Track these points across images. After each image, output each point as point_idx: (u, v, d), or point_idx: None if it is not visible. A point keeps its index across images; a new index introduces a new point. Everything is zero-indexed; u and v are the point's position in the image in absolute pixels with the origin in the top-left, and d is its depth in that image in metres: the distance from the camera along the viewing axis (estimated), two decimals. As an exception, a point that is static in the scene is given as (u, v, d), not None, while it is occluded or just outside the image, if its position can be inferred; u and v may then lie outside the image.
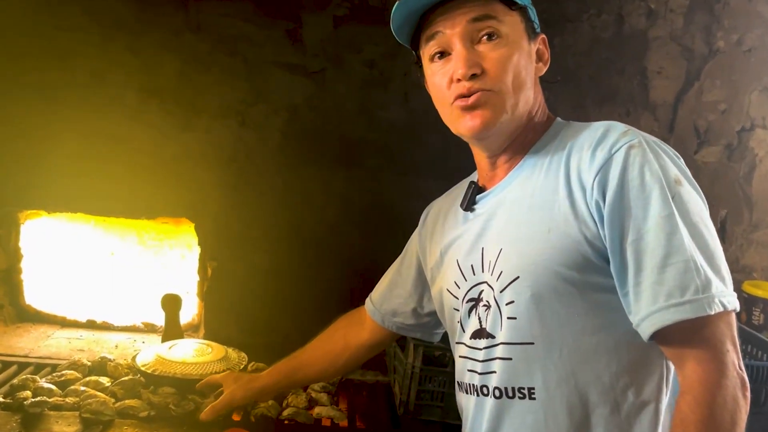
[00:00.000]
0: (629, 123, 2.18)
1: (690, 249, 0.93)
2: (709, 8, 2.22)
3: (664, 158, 0.99)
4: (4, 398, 1.63)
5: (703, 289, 0.92)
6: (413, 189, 2.15)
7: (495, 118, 1.08)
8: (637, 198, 0.96)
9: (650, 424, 1.02)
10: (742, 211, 2.34)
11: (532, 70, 1.12)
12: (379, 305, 1.49)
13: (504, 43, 1.08)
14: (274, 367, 1.58)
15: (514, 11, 1.10)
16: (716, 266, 0.94)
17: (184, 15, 2.04)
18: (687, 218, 0.95)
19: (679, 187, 0.97)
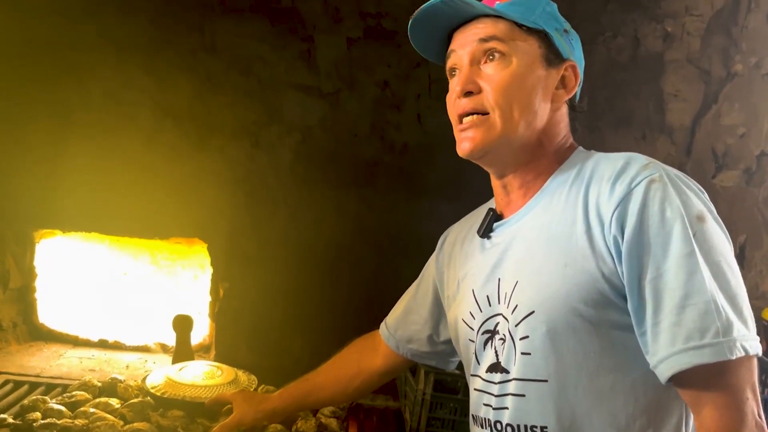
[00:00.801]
0: (645, 146, 2.19)
1: (711, 289, 0.90)
2: (727, 31, 2.20)
3: (686, 193, 0.96)
4: (14, 419, 1.63)
5: (724, 332, 0.89)
6: (426, 211, 2.16)
7: (484, 140, 1.09)
8: (657, 235, 0.94)
9: None
10: (761, 236, 2.30)
11: (544, 95, 1.11)
12: (394, 331, 1.47)
13: (506, 64, 1.08)
14: (285, 389, 1.56)
15: (531, 35, 1.10)
16: (738, 308, 0.91)
17: (200, 36, 2.06)
18: (709, 257, 0.92)
19: (701, 224, 0.94)
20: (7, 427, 1.61)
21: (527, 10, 1.11)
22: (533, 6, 1.12)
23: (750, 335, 0.91)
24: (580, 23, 2.14)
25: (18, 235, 2.19)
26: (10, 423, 1.62)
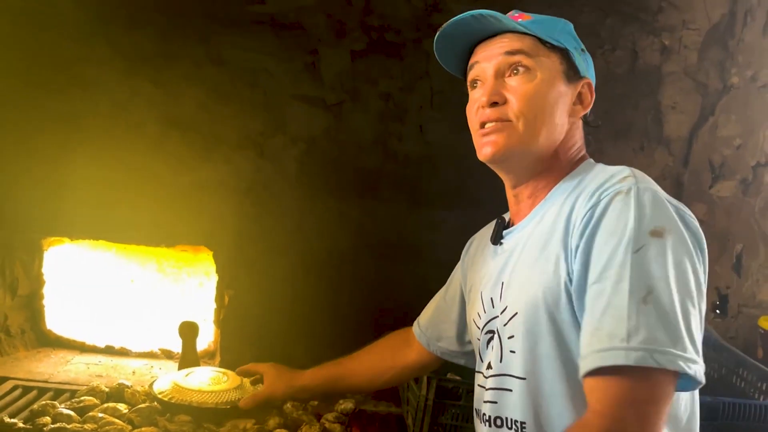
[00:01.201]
0: (643, 157, 2.23)
1: (630, 298, 0.91)
2: (723, 44, 2.24)
3: (648, 208, 0.97)
4: (24, 423, 1.66)
5: (628, 338, 0.89)
6: (428, 220, 2.20)
7: (506, 145, 1.13)
8: (605, 243, 0.97)
9: None
10: (758, 246, 2.33)
11: (563, 109, 1.16)
12: (425, 329, 1.53)
13: (531, 77, 1.13)
14: (318, 369, 1.61)
15: (553, 52, 1.15)
16: (668, 323, 0.90)
17: (206, 48, 2.10)
18: (643, 269, 0.93)
19: (653, 238, 0.95)
20: (17, 431, 1.64)
21: (550, 29, 1.16)
22: (554, 25, 1.17)
23: (673, 351, 0.88)
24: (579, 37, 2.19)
25: (26, 243, 2.22)
26: (20, 427, 1.64)
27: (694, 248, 0.99)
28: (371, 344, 1.63)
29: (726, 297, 2.34)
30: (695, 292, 0.95)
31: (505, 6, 2.08)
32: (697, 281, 0.96)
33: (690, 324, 0.91)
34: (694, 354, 0.89)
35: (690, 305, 0.93)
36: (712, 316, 2.33)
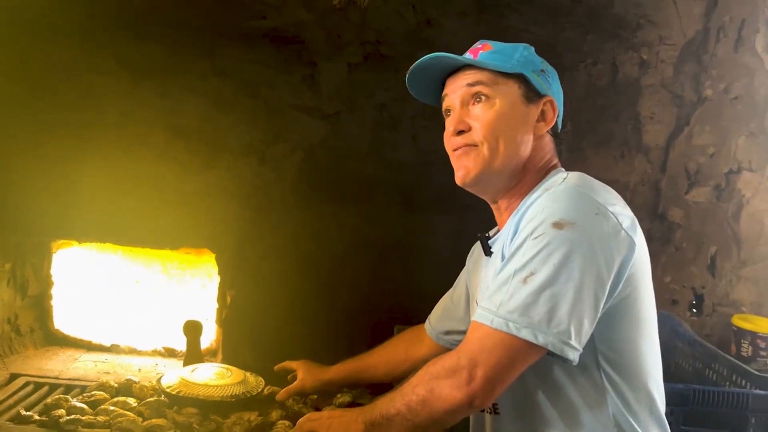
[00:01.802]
0: (624, 165, 2.35)
1: (515, 275, 1.07)
2: (698, 59, 2.34)
3: (559, 203, 1.10)
4: (39, 416, 1.74)
5: (498, 306, 1.07)
6: (421, 225, 2.28)
7: (475, 169, 1.27)
8: (520, 231, 1.12)
9: None
10: (731, 248, 2.44)
11: (525, 129, 1.27)
12: (435, 326, 1.67)
13: (491, 105, 1.26)
14: (342, 365, 1.77)
15: (510, 79, 1.27)
16: (533, 300, 1.04)
17: (210, 61, 2.18)
18: (532, 254, 1.07)
19: (553, 229, 1.07)
20: (33, 423, 1.71)
21: (507, 58, 1.28)
22: (511, 53, 1.29)
23: (525, 321, 1.04)
24: (563, 52, 2.31)
25: (36, 246, 2.30)
26: (36, 420, 1.72)
27: (601, 246, 1.08)
28: (388, 341, 1.79)
29: (701, 296, 2.44)
30: (583, 282, 1.05)
31: (493, 21, 2.21)
32: (592, 275, 1.06)
33: (558, 306, 1.04)
34: (548, 329, 1.03)
35: (566, 292, 1.04)
36: (688, 314, 2.44)
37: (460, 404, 1.06)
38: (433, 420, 1.10)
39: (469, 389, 1.05)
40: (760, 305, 2.47)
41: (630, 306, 1.15)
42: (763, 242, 2.45)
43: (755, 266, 2.46)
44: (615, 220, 1.10)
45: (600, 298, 1.07)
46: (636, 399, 1.17)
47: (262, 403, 1.93)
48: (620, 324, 1.14)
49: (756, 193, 2.43)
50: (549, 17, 2.21)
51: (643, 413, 1.18)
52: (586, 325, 1.06)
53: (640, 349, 1.18)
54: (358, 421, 1.19)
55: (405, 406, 1.12)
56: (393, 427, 1.14)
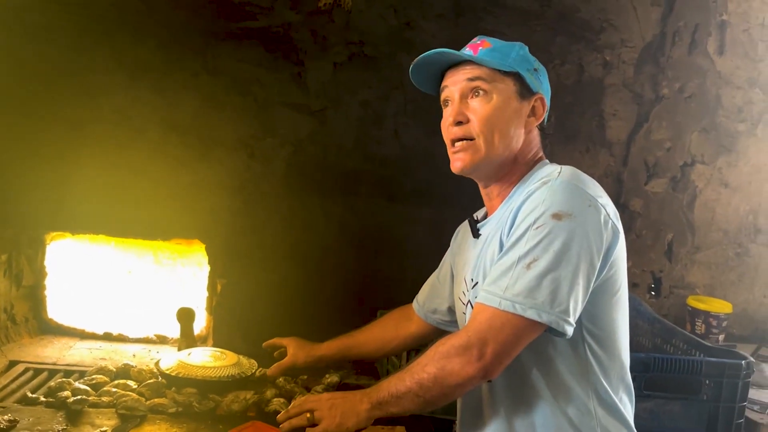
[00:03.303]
0: (589, 158, 2.51)
1: (519, 262, 1.18)
2: (655, 60, 2.51)
3: (557, 195, 1.21)
4: (45, 398, 1.81)
5: (504, 290, 1.18)
6: (403, 215, 2.40)
7: (472, 161, 1.36)
8: (520, 221, 1.24)
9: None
10: (686, 235, 2.63)
11: (518, 123, 1.38)
12: (423, 305, 1.76)
13: (488, 99, 1.35)
14: (332, 341, 1.83)
15: (507, 76, 1.36)
16: (536, 284, 1.16)
17: (203, 60, 2.26)
18: (535, 242, 1.18)
19: (554, 220, 1.18)
20: (41, 404, 1.78)
21: (504, 56, 1.38)
22: (508, 52, 1.39)
23: (530, 302, 1.15)
24: (533, 53, 2.45)
25: (31, 238, 2.34)
26: (43, 401, 1.79)
27: (594, 235, 1.20)
28: (378, 319, 1.87)
29: (659, 280, 2.63)
30: (579, 267, 1.17)
31: (469, 24, 2.34)
32: (588, 259, 1.18)
33: (559, 289, 1.16)
34: (551, 309, 1.15)
35: (565, 276, 1.16)
36: (648, 296, 2.62)
37: (472, 378, 1.18)
38: (444, 394, 1.21)
39: (480, 364, 1.17)
40: (712, 287, 2.67)
41: (611, 286, 1.29)
42: (714, 229, 2.65)
43: (708, 251, 2.66)
44: (604, 211, 1.24)
45: (591, 280, 1.21)
46: (612, 368, 1.31)
47: (256, 383, 2.03)
48: (602, 301, 1.28)
49: (708, 184, 2.62)
50: (521, 20, 2.36)
51: (616, 381, 1.33)
52: (580, 304, 1.20)
53: (617, 323, 1.32)
54: (363, 401, 1.27)
55: (416, 384, 1.21)
56: (402, 404, 1.24)
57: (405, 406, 1.24)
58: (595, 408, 1.27)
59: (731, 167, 2.63)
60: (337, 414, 1.28)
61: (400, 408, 1.25)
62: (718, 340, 2.47)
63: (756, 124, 2.62)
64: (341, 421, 1.27)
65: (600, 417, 1.28)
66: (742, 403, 1.76)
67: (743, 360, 1.75)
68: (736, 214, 2.66)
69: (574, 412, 1.26)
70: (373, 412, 1.26)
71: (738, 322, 2.67)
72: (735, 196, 2.65)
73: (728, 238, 2.67)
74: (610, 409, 1.30)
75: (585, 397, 1.27)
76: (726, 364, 1.74)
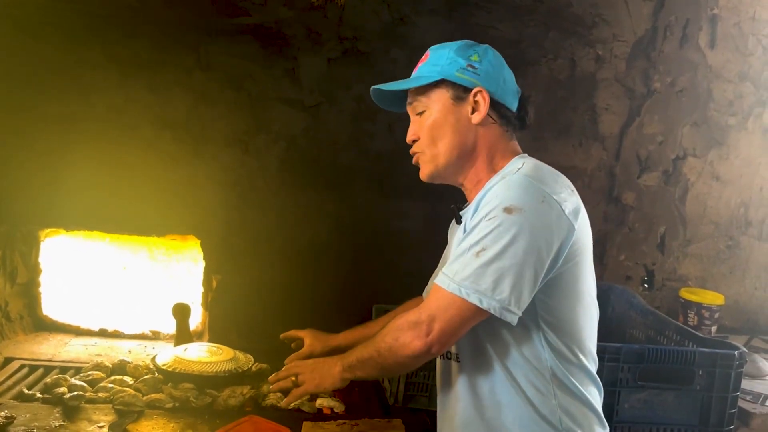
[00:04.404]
0: (581, 152, 2.52)
1: (470, 249, 1.25)
2: (647, 55, 2.53)
3: (512, 190, 1.27)
4: (42, 394, 1.82)
5: (455, 274, 1.25)
6: (397, 209, 2.42)
7: (426, 171, 1.44)
8: (480, 210, 1.29)
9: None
10: (678, 228, 2.65)
11: (461, 125, 1.40)
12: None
13: (427, 116, 1.41)
14: (349, 332, 1.83)
15: (437, 87, 1.40)
16: (481, 271, 1.23)
17: (196, 56, 2.26)
18: (485, 233, 1.24)
19: (504, 213, 1.24)
20: (37, 401, 1.79)
21: (432, 66, 1.41)
22: (437, 60, 1.42)
23: (474, 287, 1.23)
24: (526, 48, 2.48)
25: (25, 235, 2.34)
26: (40, 397, 1.80)
27: (544, 230, 1.25)
28: (393, 311, 1.85)
29: (652, 272, 2.65)
30: (526, 259, 1.23)
31: (462, 19, 2.34)
32: (534, 253, 1.24)
33: (501, 278, 1.22)
34: (492, 296, 1.22)
35: (510, 266, 1.22)
36: (641, 289, 2.65)
37: (420, 351, 1.27)
38: (397, 363, 1.32)
39: (428, 339, 1.26)
40: (704, 279, 2.70)
41: (568, 279, 1.33)
42: (706, 222, 2.67)
43: (699, 244, 2.69)
44: (558, 207, 1.28)
45: (539, 273, 1.26)
46: (572, 355, 1.36)
47: (252, 377, 2.05)
48: (558, 293, 1.33)
49: (699, 177, 2.65)
50: (514, 15, 2.37)
51: (578, 370, 1.37)
52: (525, 295, 1.25)
53: (576, 314, 1.37)
54: (337, 364, 1.41)
55: (376, 352, 1.34)
56: (366, 368, 1.37)
57: (368, 372, 1.39)
58: (555, 390, 1.34)
59: (722, 160, 2.65)
60: (316, 376, 1.44)
61: (364, 373, 1.40)
62: (711, 332, 2.50)
63: (747, 117, 2.64)
64: (319, 382, 1.44)
65: (560, 398, 1.34)
66: (734, 393, 1.78)
67: (736, 350, 1.77)
68: (728, 206, 2.68)
69: (533, 392, 1.33)
70: (344, 374, 1.40)
71: (730, 314, 2.69)
72: (726, 189, 2.67)
73: (720, 230, 2.69)
74: (571, 393, 1.35)
75: (542, 379, 1.34)
76: (719, 355, 1.76)
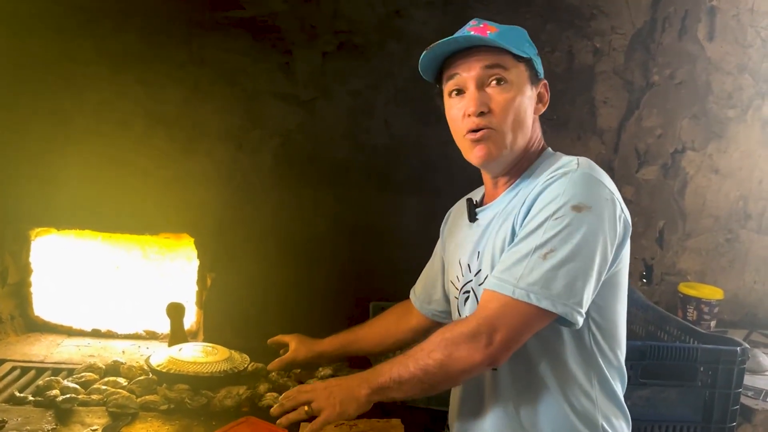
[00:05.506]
0: (579, 146, 2.50)
1: (535, 251, 1.18)
2: (646, 47, 2.51)
3: (577, 187, 1.20)
4: (33, 397, 1.78)
5: (518, 279, 1.17)
6: (394, 205, 2.39)
7: (496, 152, 1.31)
8: (537, 211, 1.22)
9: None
10: (677, 222, 2.63)
11: (532, 111, 1.36)
12: (419, 296, 1.74)
13: (509, 88, 1.30)
14: (334, 337, 1.81)
15: (521, 62, 1.33)
16: (552, 275, 1.16)
17: (188, 50, 2.22)
18: (553, 233, 1.18)
19: (574, 212, 1.18)
20: (29, 404, 1.75)
21: (517, 41, 1.33)
22: (518, 36, 1.35)
23: (546, 293, 1.15)
24: (524, 40, 2.42)
25: (15, 234, 2.31)
26: (32, 400, 1.77)
27: (609, 227, 1.20)
28: (380, 314, 1.84)
29: (651, 267, 2.63)
30: (594, 260, 1.18)
31: (458, 11, 2.32)
32: (602, 252, 1.19)
33: (575, 280, 1.16)
34: (566, 300, 1.16)
35: (581, 268, 1.17)
36: (639, 284, 2.63)
37: (480, 365, 1.19)
38: (447, 380, 1.23)
39: (488, 351, 1.17)
40: (703, 274, 2.68)
41: (618, 278, 1.30)
42: (705, 216, 2.66)
43: (698, 238, 2.67)
44: (619, 205, 1.24)
45: (602, 274, 1.22)
46: (614, 358, 1.33)
47: (248, 377, 2.01)
48: (609, 293, 1.28)
49: (699, 171, 2.63)
50: (510, 8, 2.34)
51: (617, 371, 1.34)
52: (591, 296, 1.20)
53: (619, 314, 1.34)
54: (362, 386, 1.25)
55: (421, 370, 1.21)
56: (404, 389, 1.23)
57: (407, 392, 1.24)
58: (597, 395, 1.29)
59: (721, 153, 2.63)
60: (336, 402, 1.26)
61: (401, 393, 1.25)
62: (710, 327, 2.48)
63: (746, 110, 2.62)
64: (342, 409, 1.25)
65: (600, 404, 1.30)
66: (737, 390, 1.76)
67: (738, 346, 1.75)
68: (727, 200, 2.67)
69: (578, 398, 1.27)
70: (372, 397, 1.25)
71: (729, 308, 2.68)
72: (725, 182, 2.66)
73: (719, 224, 2.68)
74: (610, 396, 1.31)
75: (588, 384, 1.29)
76: (721, 351, 1.74)
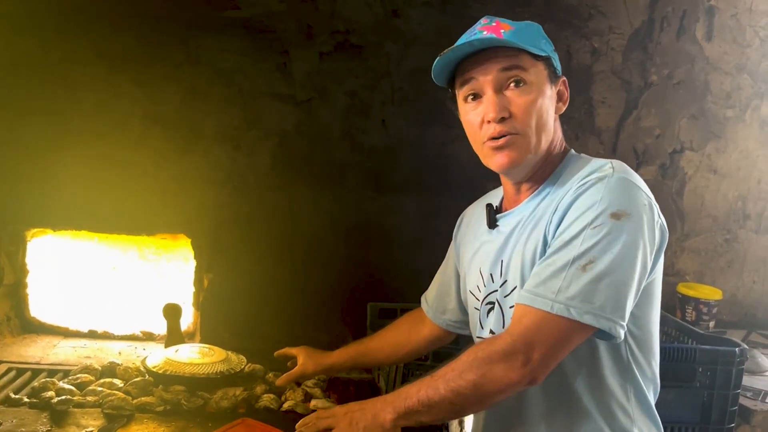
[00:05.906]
0: (578, 145, 2.51)
1: (574, 263, 1.09)
2: (644, 47, 2.51)
3: (615, 193, 1.12)
4: (29, 398, 1.77)
5: (557, 293, 1.09)
6: (391, 206, 2.38)
7: (520, 158, 1.23)
8: (573, 218, 1.14)
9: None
10: (675, 222, 2.63)
11: (553, 111, 1.28)
12: (432, 304, 1.66)
13: (529, 89, 1.22)
14: (343, 349, 1.74)
15: (539, 61, 1.24)
16: (592, 287, 1.08)
17: (185, 50, 2.22)
18: (592, 243, 1.09)
19: (611, 220, 1.09)
20: (24, 405, 1.74)
21: (534, 38, 1.25)
22: (534, 33, 1.27)
23: (587, 307, 1.07)
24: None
25: (11, 235, 2.30)
26: (27, 402, 1.75)
27: (649, 234, 1.13)
28: (391, 323, 1.76)
29: (650, 267, 2.64)
30: (635, 270, 1.10)
31: (456, 11, 2.31)
32: (642, 261, 1.11)
33: (617, 293, 1.08)
34: (609, 314, 1.08)
35: (623, 279, 1.09)
36: (638, 284, 2.63)
37: (516, 384, 1.10)
38: (481, 402, 1.15)
39: (526, 370, 1.09)
40: (702, 274, 2.68)
41: (652, 286, 1.23)
42: (704, 216, 2.65)
43: (697, 238, 2.67)
44: (656, 210, 1.17)
45: (642, 283, 1.15)
46: (649, 370, 1.26)
47: (245, 379, 2.00)
48: (645, 303, 1.21)
49: (697, 171, 2.63)
50: (508, 7, 2.33)
51: (651, 383, 1.28)
52: (632, 307, 1.13)
53: (654, 324, 1.27)
54: (387, 410, 1.17)
55: (452, 392, 1.12)
56: (433, 413, 1.15)
57: (436, 415, 1.16)
58: (633, 410, 1.23)
59: (720, 153, 2.63)
60: (359, 429, 1.19)
61: (431, 417, 1.16)
62: (709, 327, 2.48)
63: (744, 110, 2.62)
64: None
65: (637, 419, 1.23)
66: (735, 390, 1.76)
67: (737, 347, 1.75)
68: (725, 200, 2.66)
69: (614, 414, 1.21)
70: (399, 422, 1.17)
71: (728, 309, 2.68)
72: (724, 182, 2.65)
73: (717, 224, 2.67)
74: (645, 409, 1.26)
75: (624, 399, 1.22)
76: (720, 352, 1.74)
